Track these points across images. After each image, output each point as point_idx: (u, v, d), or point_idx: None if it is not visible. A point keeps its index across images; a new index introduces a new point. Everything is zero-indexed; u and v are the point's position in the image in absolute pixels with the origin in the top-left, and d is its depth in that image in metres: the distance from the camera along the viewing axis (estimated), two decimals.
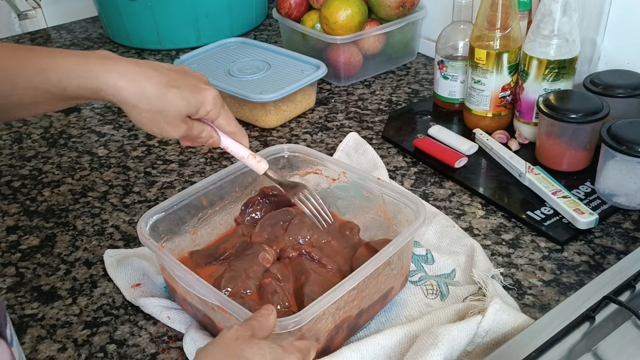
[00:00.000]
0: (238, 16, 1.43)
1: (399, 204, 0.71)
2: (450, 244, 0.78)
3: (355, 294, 0.62)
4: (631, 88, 0.88)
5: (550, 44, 0.88)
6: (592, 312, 0.64)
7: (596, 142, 0.86)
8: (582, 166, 0.89)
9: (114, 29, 1.44)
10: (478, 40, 0.94)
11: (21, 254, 0.82)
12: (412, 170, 0.95)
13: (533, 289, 0.72)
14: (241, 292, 0.66)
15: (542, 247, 0.78)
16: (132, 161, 1.01)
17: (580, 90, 0.90)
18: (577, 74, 0.91)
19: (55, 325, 0.71)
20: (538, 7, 0.88)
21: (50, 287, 0.76)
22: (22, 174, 0.99)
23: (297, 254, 0.71)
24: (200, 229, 0.76)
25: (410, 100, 1.15)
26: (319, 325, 0.59)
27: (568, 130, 0.86)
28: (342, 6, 1.14)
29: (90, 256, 0.81)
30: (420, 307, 0.70)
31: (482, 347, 0.63)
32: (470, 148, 0.96)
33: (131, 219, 0.87)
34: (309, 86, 1.09)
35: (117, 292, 0.74)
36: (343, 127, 1.07)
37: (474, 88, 0.98)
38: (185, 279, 0.62)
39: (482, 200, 0.87)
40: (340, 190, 0.79)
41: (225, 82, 1.09)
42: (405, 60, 1.29)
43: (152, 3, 1.33)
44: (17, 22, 1.56)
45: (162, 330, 0.69)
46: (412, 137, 1.01)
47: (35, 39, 1.51)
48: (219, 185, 0.76)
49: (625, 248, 0.77)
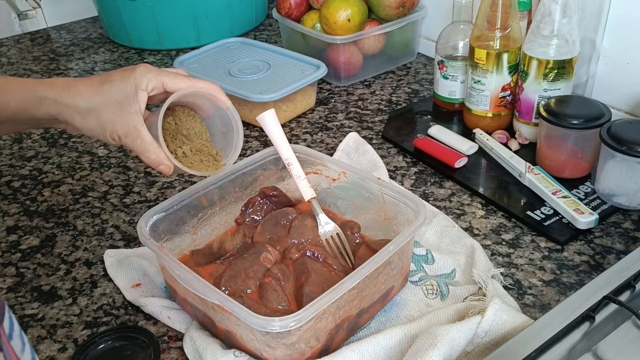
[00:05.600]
0: (238, 16, 1.43)
1: (399, 204, 0.71)
2: (451, 244, 0.78)
3: (356, 293, 0.62)
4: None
5: (550, 44, 0.88)
6: (592, 312, 0.64)
7: (598, 148, 0.85)
8: (583, 173, 0.88)
9: (114, 29, 1.44)
10: (478, 40, 0.94)
11: (21, 254, 0.82)
12: (412, 170, 0.95)
13: (533, 289, 0.72)
14: (241, 291, 0.66)
15: (542, 247, 0.78)
16: (132, 161, 1.01)
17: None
18: (576, 74, 0.91)
19: (55, 325, 0.71)
20: (538, 7, 0.88)
21: (50, 287, 0.76)
22: (22, 174, 0.99)
23: (300, 254, 0.71)
24: (200, 229, 0.76)
25: (410, 100, 1.15)
26: (320, 325, 0.59)
27: (569, 136, 0.86)
28: (342, 6, 1.14)
29: (91, 256, 0.81)
30: (420, 307, 0.70)
31: (481, 347, 0.63)
32: (470, 148, 0.96)
33: (131, 219, 0.87)
34: (309, 86, 1.09)
35: (117, 292, 0.74)
36: (343, 127, 1.07)
37: (474, 88, 0.98)
38: (185, 278, 0.62)
39: (482, 200, 0.87)
40: (340, 190, 0.79)
41: (225, 82, 1.09)
42: (405, 60, 1.29)
43: (152, 3, 1.33)
44: (17, 22, 1.56)
45: (162, 330, 0.69)
46: (412, 137, 1.01)
47: (35, 39, 1.51)
48: (219, 185, 0.76)
49: (625, 248, 0.77)
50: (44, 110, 0.64)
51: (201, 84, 0.68)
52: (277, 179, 0.82)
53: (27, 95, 0.63)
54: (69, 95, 0.64)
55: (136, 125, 0.64)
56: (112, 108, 0.64)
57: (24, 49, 1.46)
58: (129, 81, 0.64)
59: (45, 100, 0.63)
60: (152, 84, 0.65)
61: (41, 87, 0.63)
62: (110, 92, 0.64)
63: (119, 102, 0.64)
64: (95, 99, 0.64)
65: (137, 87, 0.64)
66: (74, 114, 0.64)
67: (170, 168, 0.67)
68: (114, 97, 0.64)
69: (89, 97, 0.64)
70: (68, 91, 0.64)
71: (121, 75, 0.65)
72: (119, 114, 0.64)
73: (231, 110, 0.70)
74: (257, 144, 1.04)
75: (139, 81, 0.64)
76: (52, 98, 0.63)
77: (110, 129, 0.65)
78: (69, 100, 0.63)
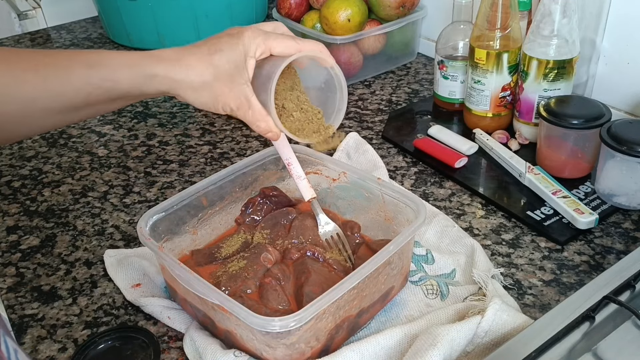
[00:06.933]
0: (238, 16, 1.43)
1: (399, 203, 0.71)
2: (451, 244, 0.78)
3: (356, 293, 0.62)
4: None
5: (550, 44, 0.88)
6: (592, 312, 0.64)
7: (598, 148, 0.85)
8: (583, 173, 0.88)
9: (114, 29, 1.44)
10: (478, 40, 0.94)
11: (21, 254, 0.82)
12: (412, 170, 0.95)
13: (533, 289, 0.72)
14: (241, 291, 0.66)
15: (542, 247, 0.78)
16: (132, 161, 1.01)
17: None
18: (576, 74, 0.91)
19: (55, 325, 0.71)
20: (538, 7, 0.88)
21: (50, 287, 0.76)
22: (22, 174, 0.99)
23: (300, 254, 0.71)
24: (200, 229, 0.76)
25: (410, 100, 1.15)
26: (320, 325, 0.59)
27: (569, 136, 0.86)
28: (342, 6, 1.14)
29: (91, 256, 0.81)
30: (420, 307, 0.70)
31: (481, 347, 0.63)
32: (470, 148, 0.96)
33: (131, 219, 0.87)
34: None
35: (117, 292, 0.74)
36: (343, 127, 1.07)
37: (474, 88, 0.98)
38: (184, 278, 0.62)
39: (482, 200, 0.87)
40: (340, 190, 0.79)
41: None
42: (405, 60, 1.29)
43: (152, 3, 1.33)
44: (17, 22, 1.56)
45: (162, 330, 0.69)
46: (412, 137, 1.01)
47: (35, 39, 1.51)
48: (219, 185, 0.76)
49: (625, 248, 0.77)
50: (155, 87, 0.60)
51: (308, 46, 0.65)
52: (277, 179, 0.82)
53: (135, 74, 0.59)
54: (181, 70, 0.60)
55: (247, 97, 0.62)
56: (225, 80, 0.61)
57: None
58: (238, 48, 0.61)
59: (156, 77, 0.60)
60: (260, 49, 0.62)
61: (150, 63, 0.60)
62: (221, 63, 0.61)
63: (229, 73, 0.61)
64: (207, 71, 0.61)
65: (246, 55, 0.62)
66: (187, 89, 0.61)
67: (278, 135, 0.65)
68: (224, 68, 0.61)
69: (201, 71, 0.61)
70: (180, 65, 0.60)
71: (229, 41, 0.62)
72: (230, 86, 0.62)
73: (335, 70, 0.67)
74: (257, 144, 1.04)
75: (248, 48, 0.62)
76: (162, 75, 0.60)
77: (222, 101, 0.62)
78: (181, 76, 0.60)
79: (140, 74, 0.59)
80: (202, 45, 0.62)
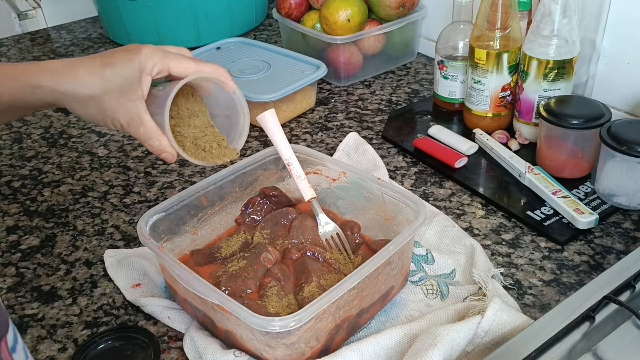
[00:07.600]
0: (238, 16, 1.43)
1: (399, 203, 0.71)
2: (451, 244, 0.78)
3: (356, 293, 0.62)
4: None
5: (550, 44, 0.88)
6: (592, 312, 0.64)
7: (598, 148, 0.85)
8: (583, 173, 0.88)
9: (114, 29, 1.44)
10: (478, 40, 0.94)
11: (21, 254, 0.82)
12: (412, 170, 0.95)
13: (533, 289, 0.72)
14: (241, 291, 0.66)
15: (542, 247, 0.78)
16: (132, 161, 1.01)
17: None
18: (576, 74, 0.91)
19: (55, 325, 0.71)
20: (538, 7, 0.88)
21: (50, 287, 0.76)
22: (22, 174, 0.99)
23: (300, 254, 0.71)
24: (200, 229, 0.76)
25: (410, 100, 1.15)
26: (320, 325, 0.59)
27: (569, 136, 0.86)
28: (342, 6, 1.14)
29: (91, 256, 0.81)
30: (420, 307, 0.70)
31: (481, 347, 0.63)
32: (470, 148, 0.96)
33: (131, 219, 0.87)
34: (309, 86, 1.09)
35: (117, 292, 0.74)
36: (343, 127, 1.07)
37: (474, 88, 0.98)
38: (184, 278, 0.62)
39: (482, 200, 0.87)
40: (340, 190, 0.79)
41: None
42: (405, 60, 1.29)
43: (152, 3, 1.33)
44: (17, 22, 1.57)
45: (162, 330, 0.69)
46: (412, 137, 1.01)
47: (35, 39, 1.51)
48: (219, 185, 0.76)
49: (625, 248, 0.77)
50: (39, 98, 0.59)
51: (208, 68, 0.64)
52: (277, 179, 0.82)
53: (19, 84, 0.58)
54: (68, 82, 0.59)
55: (139, 113, 0.61)
56: (114, 95, 0.60)
57: (24, 49, 1.46)
58: (134, 64, 0.60)
59: (40, 88, 0.58)
60: (157, 67, 0.61)
61: (35, 73, 0.58)
62: (113, 78, 0.59)
63: (121, 88, 0.60)
64: (95, 85, 0.59)
65: (142, 71, 0.60)
66: (72, 101, 0.60)
67: (173, 156, 0.64)
68: (116, 83, 0.59)
69: (89, 84, 0.59)
70: (66, 77, 0.59)
71: (124, 56, 0.60)
72: (121, 101, 0.60)
73: (238, 95, 0.67)
74: (257, 144, 1.04)
75: (144, 65, 0.60)
76: (47, 86, 0.58)
77: (112, 116, 0.61)
78: (67, 88, 0.59)
79: (24, 84, 0.58)
80: (96, 58, 0.61)
